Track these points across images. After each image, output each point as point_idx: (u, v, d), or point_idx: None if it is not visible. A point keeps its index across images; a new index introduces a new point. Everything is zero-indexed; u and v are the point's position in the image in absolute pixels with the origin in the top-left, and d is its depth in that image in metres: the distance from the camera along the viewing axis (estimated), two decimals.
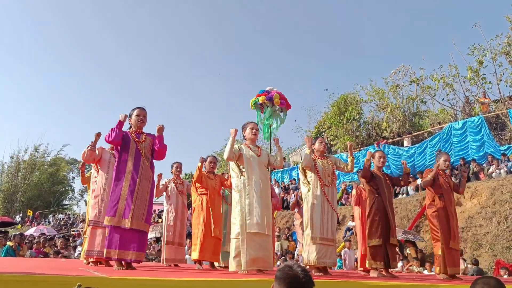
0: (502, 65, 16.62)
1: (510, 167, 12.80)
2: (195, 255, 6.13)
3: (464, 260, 9.41)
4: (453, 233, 5.73)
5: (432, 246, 10.92)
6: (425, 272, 9.40)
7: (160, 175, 6.75)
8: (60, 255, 10.70)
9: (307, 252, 5.28)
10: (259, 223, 4.76)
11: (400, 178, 6.35)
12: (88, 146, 5.60)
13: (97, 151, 5.74)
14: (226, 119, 67.43)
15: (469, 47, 17.38)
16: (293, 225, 15.45)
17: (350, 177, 18.03)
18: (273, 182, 19.91)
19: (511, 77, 16.26)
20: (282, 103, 6.24)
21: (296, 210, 9.08)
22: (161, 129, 4.92)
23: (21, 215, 35.02)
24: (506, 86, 16.62)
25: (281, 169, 22.00)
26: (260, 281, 3.53)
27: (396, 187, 14.91)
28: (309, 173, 5.59)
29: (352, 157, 5.80)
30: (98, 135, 5.52)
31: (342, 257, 11.12)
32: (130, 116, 4.97)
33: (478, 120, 15.02)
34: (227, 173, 6.80)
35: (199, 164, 6.35)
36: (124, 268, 4.45)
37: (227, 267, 6.71)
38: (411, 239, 11.09)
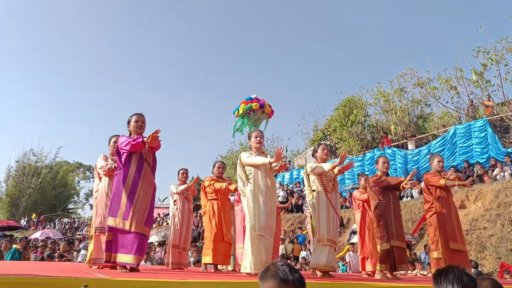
0: (508, 65, 16.58)
1: None
2: (208, 259, 6.15)
3: None
4: (455, 233, 5.72)
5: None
6: (429, 274, 9.37)
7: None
8: (64, 259, 10.74)
9: (316, 256, 5.30)
10: (262, 227, 4.82)
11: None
12: (109, 166, 5.56)
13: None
14: (231, 123, 67.47)
15: (474, 49, 17.39)
16: (299, 228, 15.54)
17: (354, 181, 18.04)
18: (277, 185, 19.93)
19: None
20: (262, 104, 6.24)
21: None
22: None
23: (26, 219, 35.16)
24: None
25: (286, 172, 22.01)
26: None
27: (401, 191, 14.92)
28: (312, 178, 5.60)
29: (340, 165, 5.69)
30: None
31: (347, 260, 11.11)
32: (128, 123, 4.98)
33: (482, 122, 14.98)
34: (230, 177, 6.86)
35: (229, 186, 6.28)
36: (127, 271, 4.48)
37: (234, 270, 6.79)
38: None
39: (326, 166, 5.43)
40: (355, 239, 11.86)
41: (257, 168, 5.04)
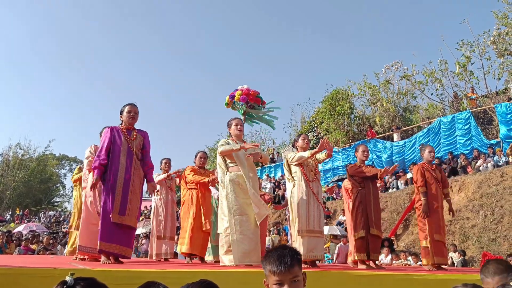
0: (490, 58, 16.77)
1: (497, 160, 12.95)
2: (184, 248, 6.13)
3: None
4: (439, 225, 5.81)
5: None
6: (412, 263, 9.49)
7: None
8: (48, 252, 10.64)
9: (296, 247, 5.28)
10: (247, 217, 4.79)
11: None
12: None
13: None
14: (219, 114, 67.67)
15: (457, 42, 17.55)
16: (285, 219, 15.60)
17: (338, 173, 18.16)
18: (264, 177, 19.97)
19: (499, 70, 16.41)
20: (243, 98, 6.20)
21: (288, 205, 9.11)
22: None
23: (10, 212, 34.75)
24: (494, 79, 16.76)
25: (273, 164, 22.08)
26: (248, 272, 3.58)
27: (387, 182, 15.07)
28: (293, 169, 5.59)
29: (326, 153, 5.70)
30: None
31: (336, 252, 11.12)
32: (121, 113, 4.94)
33: (466, 115, 15.19)
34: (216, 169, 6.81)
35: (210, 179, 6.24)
36: (110, 262, 4.45)
37: (216, 261, 6.76)
38: None
39: (306, 153, 5.43)
40: (336, 230, 12.06)
41: (238, 159, 5.01)
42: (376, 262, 5.92)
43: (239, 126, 5.26)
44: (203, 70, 71.17)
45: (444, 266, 5.83)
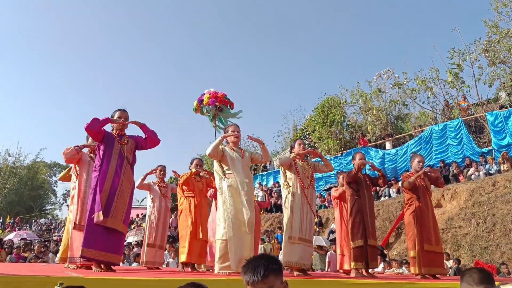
0: (482, 66, 16.93)
1: (489, 169, 13.04)
2: (183, 257, 6.10)
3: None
4: (430, 234, 5.81)
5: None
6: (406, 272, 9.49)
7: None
8: (39, 260, 10.53)
9: (287, 254, 5.27)
10: (244, 223, 4.78)
11: (378, 178, 6.29)
12: (76, 146, 5.50)
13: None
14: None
15: (448, 50, 17.69)
16: (278, 228, 15.57)
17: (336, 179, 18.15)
18: (257, 185, 19.94)
19: (490, 77, 16.55)
20: (212, 101, 6.21)
21: None
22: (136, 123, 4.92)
23: (1, 220, 34.36)
24: (485, 85, 16.89)
25: (265, 172, 22.08)
26: (241, 280, 3.56)
27: (378, 190, 15.09)
28: (289, 174, 5.61)
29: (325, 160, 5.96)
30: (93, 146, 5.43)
31: (327, 260, 11.11)
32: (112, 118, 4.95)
33: (458, 123, 15.29)
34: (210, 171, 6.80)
35: (193, 170, 6.32)
36: (103, 270, 4.42)
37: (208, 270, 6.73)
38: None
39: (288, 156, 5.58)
40: (322, 241, 12.05)
41: (233, 165, 5.01)
42: (369, 270, 5.92)
43: (235, 133, 5.27)
44: (192, 76, 71.24)
45: (437, 275, 5.82)
